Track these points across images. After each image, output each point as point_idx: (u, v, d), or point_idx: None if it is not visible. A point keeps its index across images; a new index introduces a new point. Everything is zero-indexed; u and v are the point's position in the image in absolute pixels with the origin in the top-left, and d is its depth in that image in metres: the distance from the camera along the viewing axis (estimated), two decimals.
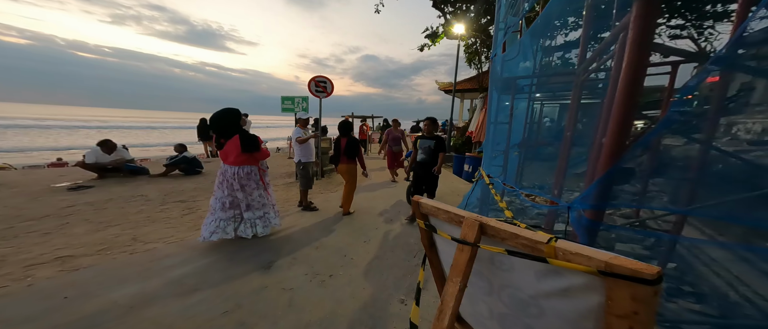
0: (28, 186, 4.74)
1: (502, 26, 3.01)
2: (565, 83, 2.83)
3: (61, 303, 1.71)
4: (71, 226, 3.07)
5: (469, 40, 10.57)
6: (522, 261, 0.79)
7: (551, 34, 2.72)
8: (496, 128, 3.27)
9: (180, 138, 12.46)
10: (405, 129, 10.64)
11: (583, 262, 0.63)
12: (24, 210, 3.56)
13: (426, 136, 3.21)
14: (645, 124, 1.87)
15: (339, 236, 2.98)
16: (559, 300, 0.75)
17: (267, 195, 2.77)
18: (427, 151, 3.18)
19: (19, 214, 3.38)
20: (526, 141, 3.24)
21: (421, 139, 3.24)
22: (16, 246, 2.63)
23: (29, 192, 4.39)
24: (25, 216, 3.31)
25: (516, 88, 3.17)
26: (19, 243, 2.70)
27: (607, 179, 1.12)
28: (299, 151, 3.71)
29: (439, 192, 5.34)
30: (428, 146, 3.17)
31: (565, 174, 1.81)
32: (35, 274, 2.14)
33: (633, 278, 0.56)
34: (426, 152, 3.19)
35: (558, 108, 3.43)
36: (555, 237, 0.72)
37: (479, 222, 0.87)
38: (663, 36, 2.22)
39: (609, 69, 1.83)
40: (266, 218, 2.77)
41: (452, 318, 0.86)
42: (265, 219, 2.75)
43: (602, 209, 1.19)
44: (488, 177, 2.52)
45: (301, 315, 1.74)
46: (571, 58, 2.72)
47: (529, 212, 3.21)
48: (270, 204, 2.81)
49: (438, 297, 1.85)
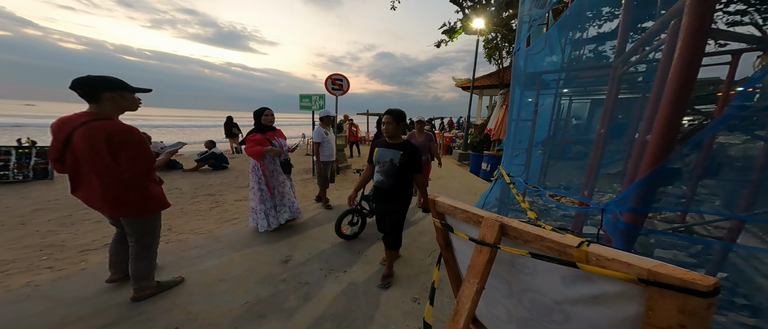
0: None
1: (527, 19, 2.85)
2: (599, 77, 2.61)
3: (107, 287, 1.90)
4: None
5: (489, 34, 10.17)
6: (547, 265, 0.75)
7: (582, 25, 2.54)
8: (518, 125, 3.11)
9: (210, 135, 13.37)
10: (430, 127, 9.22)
11: (622, 269, 0.58)
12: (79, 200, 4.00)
13: (388, 143, 1.93)
14: (693, 120, 1.66)
15: None
16: (588, 308, 0.69)
17: (259, 193, 2.70)
18: (386, 170, 1.89)
19: (76, 203, 3.82)
20: (551, 139, 3.03)
21: (379, 146, 1.98)
22: (74, 232, 2.98)
23: None
24: (81, 205, 3.72)
25: (541, 84, 2.99)
26: (76, 229, 3.05)
27: (651, 180, 1.01)
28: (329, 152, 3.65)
29: (455, 191, 5.16)
30: (390, 161, 1.87)
31: (597, 174, 1.67)
32: (88, 259, 2.41)
33: (683, 289, 0.50)
34: (385, 171, 1.90)
35: (589, 104, 3.18)
36: (587, 241, 0.66)
37: (500, 222, 0.83)
38: (719, 23, 1.96)
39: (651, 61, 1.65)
40: (253, 214, 2.75)
41: (468, 319, 0.83)
42: (252, 214, 2.77)
43: (643, 212, 1.08)
44: (508, 177, 2.41)
45: (316, 310, 1.78)
46: (605, 51, 2.52)
47: (553, 213, 3.02)
48: (258, 200, 2.70)
49: (452, 297, 1.82)
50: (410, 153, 1.87)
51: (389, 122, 1.89)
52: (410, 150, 1.88)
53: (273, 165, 2.75)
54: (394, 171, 1.88)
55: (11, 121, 33.15)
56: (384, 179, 1.92)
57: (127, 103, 1.62)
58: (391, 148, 1.92)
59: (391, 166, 1.88)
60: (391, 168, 1.89)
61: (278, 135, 2.82)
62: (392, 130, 1.90)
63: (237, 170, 6.53)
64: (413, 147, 1.90)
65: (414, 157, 1.88)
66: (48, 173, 5.22)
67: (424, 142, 3.54)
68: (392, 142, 1.94)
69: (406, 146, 1.89)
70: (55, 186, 4.83)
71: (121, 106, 1.59)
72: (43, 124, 29.58)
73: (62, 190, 4.53)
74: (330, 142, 3.69)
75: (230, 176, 5.97)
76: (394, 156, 1.88)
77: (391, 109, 1.92)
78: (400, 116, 1.92)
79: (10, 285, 1.96)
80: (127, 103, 1.62)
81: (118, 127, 1.50)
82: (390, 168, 1.89)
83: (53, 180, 5.16)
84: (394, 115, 1.90)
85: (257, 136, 2.66)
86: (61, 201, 3.95)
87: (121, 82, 1.56)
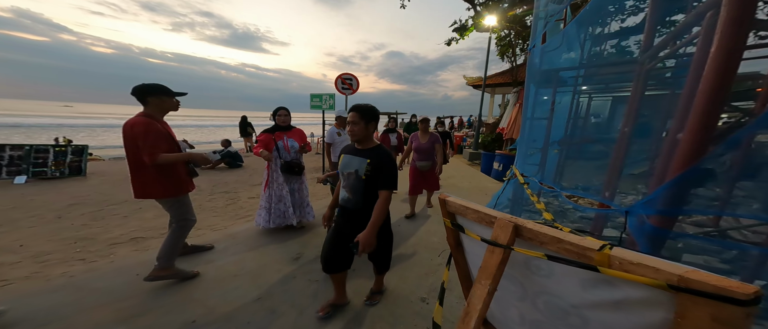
0: (113, 175, 5.71)
1: (543, 15, 2.76)
2: (621, 74, 2.48)
3: (133, 280, 2.01)
4: (143, 211, 3.62)
5: (502, 32, 9.91)
6: (564, 268, 0.72)
7: (603, 20, 2.42)
8: (533, 124, 3.01)
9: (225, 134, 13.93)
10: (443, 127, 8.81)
11: (649, 274, 0.55)
12: (109, 195, 4.30)
13: (356, 149, 1.54)
14: (730, 118, 1.53)
15: None
16: (609, 313, 0.66)
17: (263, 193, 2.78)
18: (351, 184, 1.50)
19: (106, 199, 4.10)
20: (568, 137, 2.91)
21: (345, 152, 1.59)
22: (104, 226, 3.19)
23: (113, 180, 5.29)
24: (110, 201, 4.00)
25: (558, 81, 2.87)
26: (106, 223, 3.27)
27: (682, 181, 0.94)
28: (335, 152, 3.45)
29: (465, 191, 5.07)
30: (355, 173, 1.48)
31: (620, 175, 1.59)
32: (116, 252, 2.58)
33: (718, 297, 0.47)
34: (351, 187, 1.50)
35: (610, 101, 3.02)
36: (609, 244, 0.64)
37: (514, 223, 0.81)
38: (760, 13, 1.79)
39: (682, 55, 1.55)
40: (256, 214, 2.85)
41: (479, 321, 0.82)
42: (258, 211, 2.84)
43: (673, 215, 1.01)
44: (522, 177, 2.34)
45: None
46: (628, 46, 2.38)
47: (569, 215, 2.90)
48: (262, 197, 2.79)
49: (462, 298, 1.78)
50: (380, 162, 1.44)
51: (355, 121, 1.44)
52: (381, 158, 1.45)
53: (275, 165, 2.70)
54: (361, 187, 1.46)
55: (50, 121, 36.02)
56: (350, 196, 1.50)
57: (166, 105, 1.87)
58: (357, 156, 1.49)
59: (356, 180, 1.46)
60: (356, 182, 1.46)
61: (292, 135, 2.74)
62: (359, 131, 1.46)
63: (251, 168, 6.76)
64: (385, 154, 1.48)
65: (384, 167, 1.43)
66: (81, 170, 5.62)
67: (428, 144, 3.17)
68: (361, 148, 1.52)
69: (377, 153, 1.47)
70: (88, 182, 5.19)
71: (161, 107, 1.86)
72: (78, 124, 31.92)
73: (94, 186, 4.87)
74: (343, 144, 3.54)
75: (245, 174, 6.19)
76: (360, 166, 1.45)
77: (357, 104, 1.48)
78: (369, 113, 1.47)
79: (49, 275, 2.13)
80: (167, 105, 1.88)
81: (137, 121, 1.75)
82: (355, 182, 1.47)
83: (86, 176, 5.55)
84: (361, 112, 1.44)
85: (263, 135, 2.69)
86: (93, 196, 4.25)
87: (162, 88, 1.82)
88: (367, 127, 1.48)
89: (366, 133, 1.49)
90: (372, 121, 1.51)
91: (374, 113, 1.52)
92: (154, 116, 1.83)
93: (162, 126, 1.87)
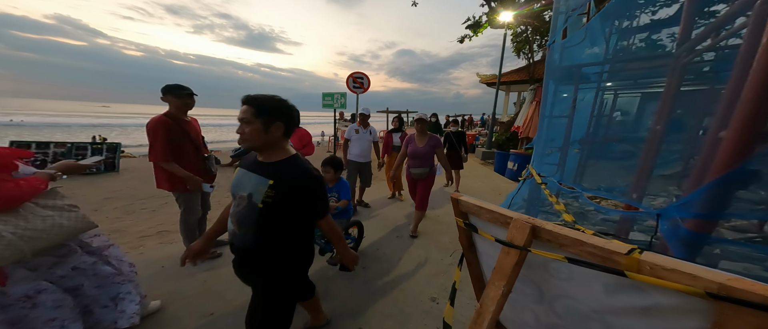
0: (143, 171, 6.12)
1: (563, 9, 2.64)
2: (652, 69, 2.33)
3: (159, 271, 2.14)
4: (169, 206, 3.85)
5: (519, 28, 9.56)
6: (586, 271, 0.69)
7: (632, 13, 2.28)
8: (551, 122, 2.89)
9: None
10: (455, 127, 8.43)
11: (684, 281, 0.52)
12: (139, 190, 4.62)
13: (257, 162, 1.04)
14: None
15: (371, 231, 3.03)
16: (636, 320, 0.63)
17: None
18: (240, 213, 1.01)
19: (136, 193, 4.40)
20: (590, 136, 2.77)
21: (242, 165, 1.09)
22: (134, 219, 3.43)
23: (143, 176, 5.66)
24: (140, 196, 4.29)
25: (580, 78, 2.74)
26: (136, 217, 3.51)
27: (725, 183, 0.87)
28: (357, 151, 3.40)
29: (478, 191, 4.94)
30: (247, 197, 0.99)
31: (649, 176, 1.49)
32: (145, 244, 2.76)
33: (766, 307, 0.44)
34: (238, 217, 1.02)
35: (639, 98, 2.84)
36: (639, 248, 0.61)
37: (531, 224, 0.78)
38: None
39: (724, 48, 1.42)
40: None
41: (492, 322, 0.80)
42: None
43: (713, 219, 0.94)
44: (539, 177, 2.26)
45: (336, 304, 1.83)
46: (660, 39, 2.23)
47: (590, 217, 2.76)
48: None
49: (473, 298, 1.75)
50: (292, 184, 0.97)
51: (246, 119, 0.95)
52: (293, 178, 0.97)
53: None
54: (254, 218, 0.98)
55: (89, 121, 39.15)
56: (235, 229, 1.03)
57: (178, 103, 1.98)
58: (254, 173, 1.01)
59: (248, 208, 0.98)
60: (247, 210, 0.99)
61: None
62: (251, 134, 0.96)
63: None
64: (301, 172, 0.99)
65: (299, 191, 0.98)
66: (115, 166, 6.07)
67: (426, 148, 2.54)
68: (263, 161, 1.03)
69: (286, 170, 0.98)
70: (121, 177, 5.60)
71: (175, 105, 1.98)
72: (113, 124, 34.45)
73: (126, 181, 5.24)
74: (360, 141, 3.38)
75: None
76: (256, 188, 0.97)
77: (254, 95, 0.96)
78: (270, 110, 0.97)
79: None
80: (179, 103, 1.99)
81: (151, 121, 1.91)
82: (245, 210, 0.99)
83: (119, 172, 5.99)
84: (255, 105, 0.95)
85: None
86: (125, 191, 4.58)
87: (170, 88, 1.95)
88: (268, 130, 0.96)
89: (266, 139, 0.97)
90: (278, 121, 0.98)
91: (281, 109, 0.99)
92: (173, 115, 1.96)
93: (180, 124, 1.97)
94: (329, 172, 2.08)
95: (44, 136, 16.90)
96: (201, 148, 2.16)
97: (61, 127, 27.59)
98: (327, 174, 2.09)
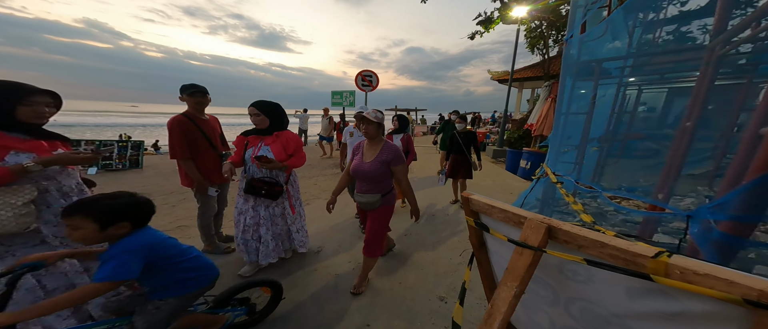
0: (164, 167, 6.43)
1: (582, 3, 2.53)
2: (681, 62, 2.19)
3: None
4: (187, 202, 4.03)
5: (533, 23, 9.24)
6: (606, 274, 0.66)
7: (658, 4, 2.16)
8: (568, 119, 2.78)
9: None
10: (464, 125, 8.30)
11: (719, 287, 0.48)
12: (160, 186, 4.86)
13: None
14: None
15: None
16: (661, 325, 0.60)
17: None
18: None
19: (157, 189, 4.64)
20: (610, 133, 2.64)
21: None
22: (155, 215, 3.60)
23: (164, 172, 5.96)
24: (161, 191, 4.51)
25: (600, 73, 2.62)
26: (157, 212, 3.68)
27: (765, 183, 0.81)
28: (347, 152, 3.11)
29: (489, 189, 4.81)
30: None
31: (678, 175, 1.40)
32: None
33: None
34: None
35: (665, 93, 2.67)
36: (667, 251, 0.58)
37: (547, 224, 0.76)
38: None
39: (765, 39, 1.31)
40: None
41: (503, 323, 0.78)
42: None
43: (751, 222, 0.87)
44: (555, 176, 2.18)
45: (344, 301, 1.85)
46: (690, 31, 2.09)
47: (609, 218, 2.64)
48: None
49: (482, 299, 1.72)
50: None
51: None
52: None
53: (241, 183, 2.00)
54: None
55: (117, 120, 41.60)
56: None
57: (191, 102, 2.06)
58: None
59: None
60: None
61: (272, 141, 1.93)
62: None
63: None
64: None
65: None
66: (139, 163, 6.41)
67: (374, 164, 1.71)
68: None
69: None
70: (144, 174, 5.92)
71: (189, 104, 2.06)
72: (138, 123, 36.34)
73: (148, 177, 5.53)
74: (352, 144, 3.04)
75: None
76: None
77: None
78: None
79: None
80: (192, 102, 2.06)
81: (170, 119, 1.98)
82: None
83: (143, 169, 6.33)
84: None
85: (238, 139, 2.09)
86: (148, 187, 4.83)
87: (184, 88, 2.04)
88: None
89: None
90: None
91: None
92: (190, 114, 2.04)
93: (196, 123, 2.04)
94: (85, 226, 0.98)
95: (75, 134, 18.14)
96: (217, 147, 2.21)
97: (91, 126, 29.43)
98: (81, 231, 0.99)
